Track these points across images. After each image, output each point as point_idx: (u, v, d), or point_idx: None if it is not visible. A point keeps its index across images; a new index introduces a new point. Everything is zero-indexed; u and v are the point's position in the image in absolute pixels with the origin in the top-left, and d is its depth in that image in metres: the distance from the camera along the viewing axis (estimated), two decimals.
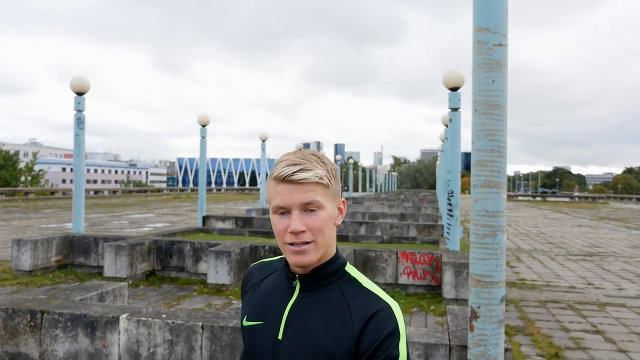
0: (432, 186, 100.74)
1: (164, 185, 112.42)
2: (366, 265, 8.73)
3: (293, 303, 1.28)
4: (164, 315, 4.24)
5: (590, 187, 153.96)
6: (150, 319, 4.15)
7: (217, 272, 8.33)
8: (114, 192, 45.86)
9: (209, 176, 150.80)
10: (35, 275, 9.07)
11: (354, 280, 1.28)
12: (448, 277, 7.71)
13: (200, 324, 4.07)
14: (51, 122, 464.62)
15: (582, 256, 13.48)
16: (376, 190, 66.98)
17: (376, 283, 7.69)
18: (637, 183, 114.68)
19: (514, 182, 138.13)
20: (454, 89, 9.00)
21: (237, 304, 6.26)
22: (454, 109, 9.03)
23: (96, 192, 45.10)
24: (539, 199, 62.24)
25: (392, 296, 1.22)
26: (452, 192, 9.00)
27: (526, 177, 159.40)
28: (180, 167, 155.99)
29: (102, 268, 9.63)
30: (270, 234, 14.32)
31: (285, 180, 1.20)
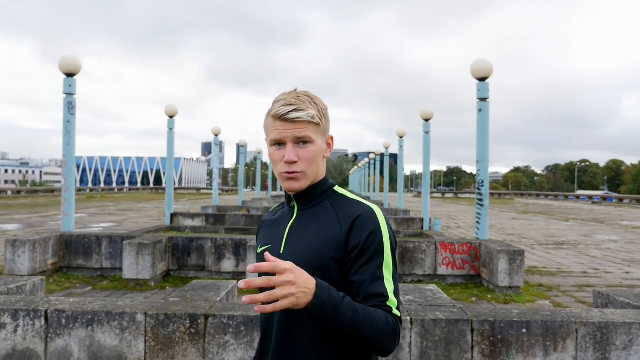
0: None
1: (59, 185, 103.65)
2: (404, 256, 8.49)
3: (292, 222, 1.49)
4: None
5: None
6: None
7: None
8: (19, 192, 41.75)
9: (109, 176, 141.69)
10: None
11: (342, 196, 1.50)
12: (503, 265, 7.68)
13: (409, 318, 3.61)
14: None
15: (555, 245, 14.22)
16: None
17: (414, 275, 7.39)
18: (527, 181, 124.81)
19: (412, 181, 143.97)
20: (482, 79, 9.01)
21: None
22: (483, 99, 9.03)
23: None
24: (449, 195, 65.42)
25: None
26: (482, 182, 9.01)
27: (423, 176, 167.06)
28: (78, 167, 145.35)
29: (106, 270, 8.60)
30: (246, 231, 13.68)
31: (281, 118, 1.39)
